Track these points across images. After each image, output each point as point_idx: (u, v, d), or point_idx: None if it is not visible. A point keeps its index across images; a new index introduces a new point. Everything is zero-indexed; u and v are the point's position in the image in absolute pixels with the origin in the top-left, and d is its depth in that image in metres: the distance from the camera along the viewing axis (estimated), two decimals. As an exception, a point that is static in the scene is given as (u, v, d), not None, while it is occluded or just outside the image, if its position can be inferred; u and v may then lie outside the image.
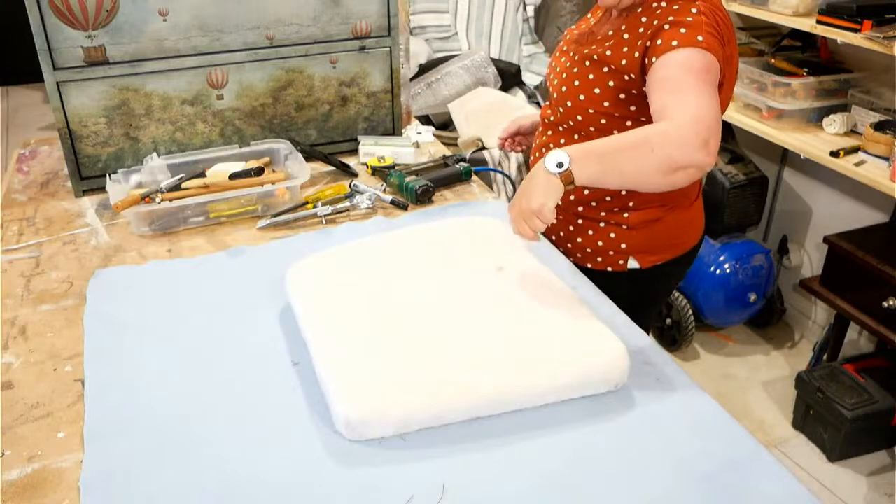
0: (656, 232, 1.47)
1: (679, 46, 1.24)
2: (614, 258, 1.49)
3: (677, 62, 1.23)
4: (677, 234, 1.52)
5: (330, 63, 1.71)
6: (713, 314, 2.63)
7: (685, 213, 1.51)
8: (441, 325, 1.06)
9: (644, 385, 1.03)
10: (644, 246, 1.48)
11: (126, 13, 1.50)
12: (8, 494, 0.87)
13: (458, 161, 1.67)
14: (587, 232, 1.49)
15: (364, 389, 0.95)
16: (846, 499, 2.11)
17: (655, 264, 1.49)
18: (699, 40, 1.24)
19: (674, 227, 1.50)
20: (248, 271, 1.31)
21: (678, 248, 1.53)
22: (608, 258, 1.49)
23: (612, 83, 1.34)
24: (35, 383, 1.05)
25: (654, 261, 1.49)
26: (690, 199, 1.52)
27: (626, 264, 1.48)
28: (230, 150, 1.64)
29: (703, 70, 1.22)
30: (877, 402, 2.17)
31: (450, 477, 0.88)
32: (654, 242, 1.48)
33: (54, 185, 1.66)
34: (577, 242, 1.50)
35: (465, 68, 2.84)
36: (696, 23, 1.26)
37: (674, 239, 1.51)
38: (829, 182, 2.55)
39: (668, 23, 1.27)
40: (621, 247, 1.47)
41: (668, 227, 1.48)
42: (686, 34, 1.25)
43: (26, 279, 1.30)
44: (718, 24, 1.28)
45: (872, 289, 2.12)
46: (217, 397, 1.01)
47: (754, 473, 0.89)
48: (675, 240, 1.52)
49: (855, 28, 1.98)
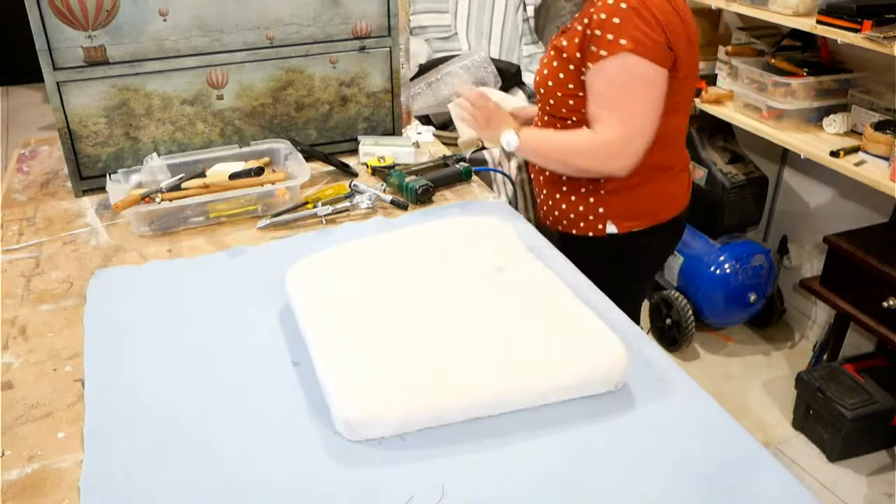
0: (633, 198, 1.57)
1: (607, 56, 1.39)
2: (594, 223, 1.59)
3: (604, 76, 1.41)
4: (655, 202, 1.60)
5: (330, 63, 1.71)
6: (713, 314, 2.63)
7: (665, 184, 1.60)
8: (441, 325, 1.06)
9: (644, 385, 1.03)
10: (621, 211, 1.58)
11: (126, 13, 1.50)
12: (8, 494, 0.87)
13: (458, 161, 1.67)
14: (570, 199, 1.61)
15: (364, 389, 0.95)
16: (846, 499, 2.11)
17: (632, 230, 1.59)
18: (622, 44, 1.37)
19: (652, 196, 1.59)
20: (248, 271, 1.31)
21: (655, 217, 1.61)
22: (589, 223, 1.60)
23: (573, 67, 1.48)
24: (35, 383, 1.05)
25: (631, 226, 1.59)
26: (672, 173, 1.62)
27: (605, 229, 1.59)
28: (230, 150, 1.64)
29: (625, 83, 1.40)
30: (877, 402, 2.17)
31: (450, 477, 0.88)
32: (630, 208, 1.58)
33: (54, 185, 1.66)
34: (562, 209, 1.63)
35: (465, 68, 2.84)
36: (623, 23, 1.37)
37: (651, 207, 1.60)
38: (829, 182, 2.55)
39: (599, 24, 1.39)
40: (599, 211, 1.58)
41: (645, 196, 1.58)
42: (612, 41, 1.38)
43: (26, 279, 1.30)
44: (653, 15, 1.38)
45: (872, 289, 2.12)
46: (217, 397, 1.01)
47: (754, 473, 0.89)
48: (652, 208, 1.60)
49: (855, 28, 1.97)
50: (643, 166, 1.50)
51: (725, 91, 2.50)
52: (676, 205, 1.65)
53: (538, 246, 1.38)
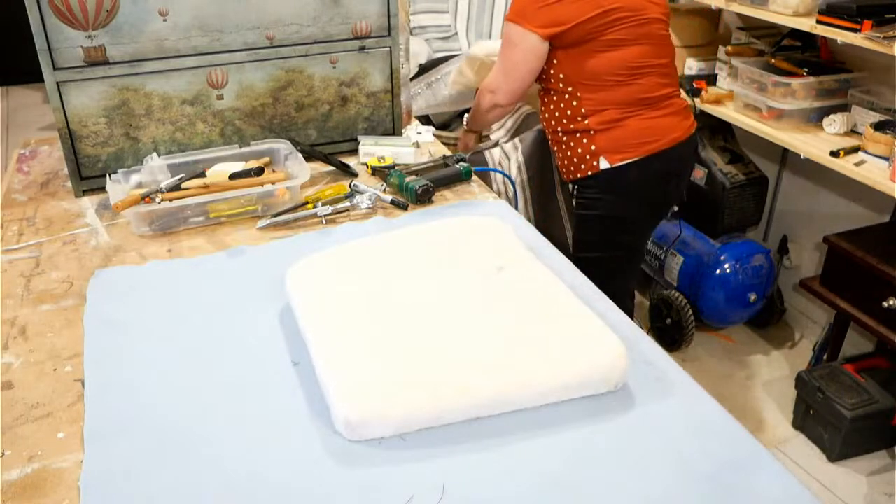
0: (619, 133, 1.82)
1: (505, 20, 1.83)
2: (589, 161, 1.85)
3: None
4: (640, 135, 1.82)
5: (330, 63, 1.71)
6: (713, 314, 2.63)
7: (647, 120, 1.83)
8: (441, 325, 1.06)
9: (644, 385, 1.03)
10: (610, 145, 1.82)
11: (126, 13, 1.50)
12: (8, 494, 0.87)
13: (458, 161, 1.67)
14: (570, 144, 1.88)
15: (364, 389, 0.95)
16: (846, 499, 2.11)
17: (623, 161, 1.82)
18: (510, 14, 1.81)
19: (636, 130, 1.82)
20: (248, 271, 1.31)
21: (642, 149, 1.82)
22: (586, 162, 1.86)
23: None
24: (35, 383, 1.05)
25: (621, 158, 1.82)
26: (645, 103, 1.83)
27: (599, 165, 1.84)
28: (230, 150, 1.64)
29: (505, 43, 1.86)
30: (877, 402, 2.17)
31: (450, 477, 0.88)
32: (618, 142, 1.82)
33: (54, 185, 1.66)
34: (567, 157, 1.90)
35: (465, 68, 2.84)
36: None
37: (637, 138, 1.82)
38: (829, 182, 2.55)
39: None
40: (591, 149, 1.83)
41: (630, 130, 1.82)
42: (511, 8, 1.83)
43: (26, 279, 1.30)
44: None
45: (872, 289, 2.12)
46: (217, 397, 1.01)
47: (754, 473, 0.89)
48: (638, 139, 1.82)
49: (855, 28, 1.97)
50: (615, 102, 1.80)
51: (725, 91, 2.50)
52: (662, 139, 1.85)
53: (538, 246, 1.38)
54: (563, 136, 1.89)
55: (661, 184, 1.92)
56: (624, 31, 1.78)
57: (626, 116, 1.81)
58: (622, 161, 1.82)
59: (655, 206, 2.00)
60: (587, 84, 1.80)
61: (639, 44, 1.80)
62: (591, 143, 1.83)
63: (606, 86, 1.79)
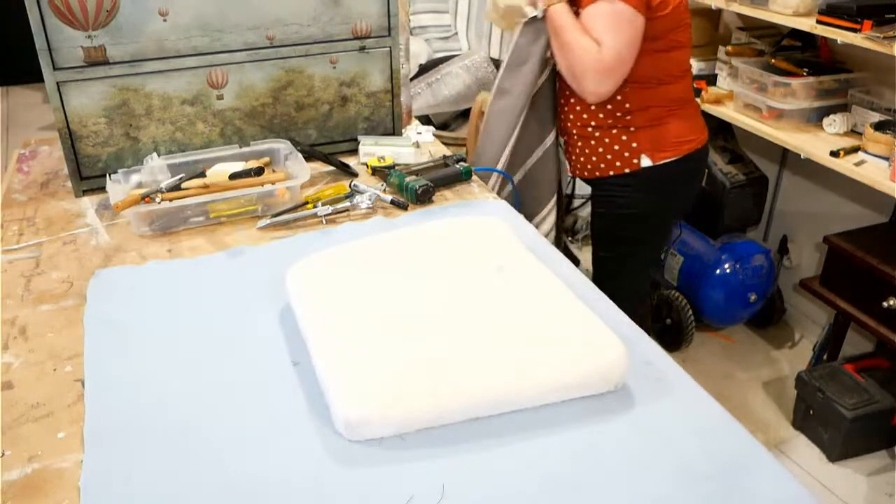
0: (662, 131, 1.79)
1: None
2: (629, 158, 1.81)
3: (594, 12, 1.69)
4: (681, 132, 1.81)
5: (330, 63, 1.71)
6: (713, 314, 2.63)
7: (685, 119, 1.83)
8: (441, 325, 1.06)
9: (644, 385, 1.03)
10: (652, 143, 1.79)
11: (126, 13, 1.49)
12: (8, 494, 0.87)
13: (458, 161, 1.67)
14: (604, 141, 1.82)
15: (364, 389, 0.95)
16: (846, 499, 2.11)
17: (665, 160, 1.80)
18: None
19: (678, 127, 1.80)
20: (248, 271, 1.31)
21: (682, 148, 1.82)
22: (624, 160, 1.81)
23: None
24: (35, 383, 1.05)
25: (662, 157, 1.80)
26: (688, 106, 1.84)
27: (640, 162, 1.80)
28: (230, 150, 1.64)
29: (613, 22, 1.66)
30: (877, 402, 2.17)
31: (450, 477, 0.88)
32: (660, 140, 1.79)
33: (54, 185, 1.66)
34: (599, 153, 1.84)
35: (465, 68, 2.84)
36: None
37: (679, 137, 1.81)
38: (829, 182, 2.55)
39: None
40: (633, 146, 1.79)
41: (672, 128, 1.80)
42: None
43: (26, 279, 1.30)
44: None
45: (872, 289, 2.12)
46: (217, 397, 1.01)
47: (754, 474, 0.89)
48: (679, 138, 1.81)
49: (855, 28, 1.97)
50: (663, 99, 1.78)
51: (725, 91, 2.50)
52: (699, 136, 1.86)
53: (538, 246, 1.38)
54: (594, 131, 1.83)
55: (692, 182, 1.95)
56: (684, 32, 1.78)
57: (669, 115, 1.80)
58: (664, 160, 1.81)
59: (685, 205, 2.03)
60: (638, 81, 1.76)
61: (687, 46, 1.81)
62: (631, 140, 1.79)
63: (654, 84, 1.77)
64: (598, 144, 1.84)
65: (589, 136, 1.85)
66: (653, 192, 1.85)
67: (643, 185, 1.84)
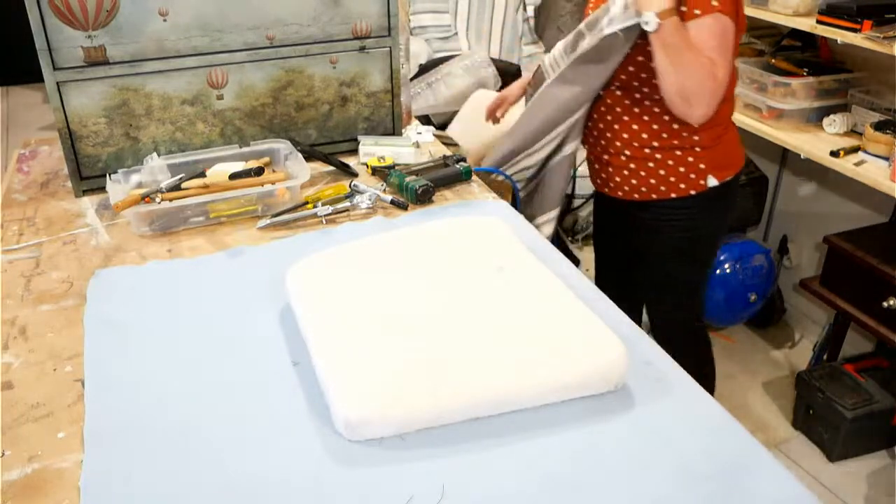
0: (723, 148, 1.70)
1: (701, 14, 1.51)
2: (695, 180, 1.69)
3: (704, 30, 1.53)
4: (735, 148, 1.75)
5: (330, 63, 1.71)
6: (713, 314, 2.63)
7: (734, 133, 1.77)
8: (441, 325, 1.06)
9: (644, 385, 1.03)
10: (717, 162, 1.69)
11: (126, 13, 1.50)
12: (8, 494, 0.87)
13: (458, 161, 1.67)
14: (667, 163, 1.68)
15: (364, 389, 0.95)
16: (846, 499, 2.11)
17: (727, 178, 1.71)
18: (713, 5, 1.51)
19: (733, 142, 1.74)
20: (248, 271, 1.31)
21: (738, 162, 1.75)
22: (690, 182, 1.69)
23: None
24: (35, 383, 1.05)
25: (726, 175, 1.71)
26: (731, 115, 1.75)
27: (707, 183, 1.69)
28: (230, 150, 1.64)
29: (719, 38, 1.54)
30: (877, 402, 2.17)
31: (450, 477, 0.88)
32: (723, 157, 1.70)
33: (54, 185, 1.66)
34: (659, 175, 1.69)
35: (465, 68, 2.84)
36: None
37: (735, 152, 1.75)
38: (829, 182, 2.55)
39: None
40: (700, 167, 1.67)
41: (730, 144, 1.72)
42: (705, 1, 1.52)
43: (26, 279, 1.30)
44: None
45: (872, 289, 2.12)
46: (217, 397, 1.01)
47: (754, 474, 0.89)
48: (735, 153, 1.75)
49: (855, 28, 1.98)
50: (725, 116, 1.69)
51: (725, 91, 2.50)
52: (742, 148, 1.81)
53: (538, 246, 1.38)
54: (654, 152, 1.68)
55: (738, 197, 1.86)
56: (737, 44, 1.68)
57: (725, 131, 1.71)
58: (726, 177, 1.71)
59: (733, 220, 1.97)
60: None
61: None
62: (698, 161, 1.67)
63: (723, 100, 1.62)
64: (657, 166, 1.69)
65: (646, 158, 1.69)
66: (716, 211, 1.75)
67: (708, 205, 1.73)
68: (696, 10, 1.51)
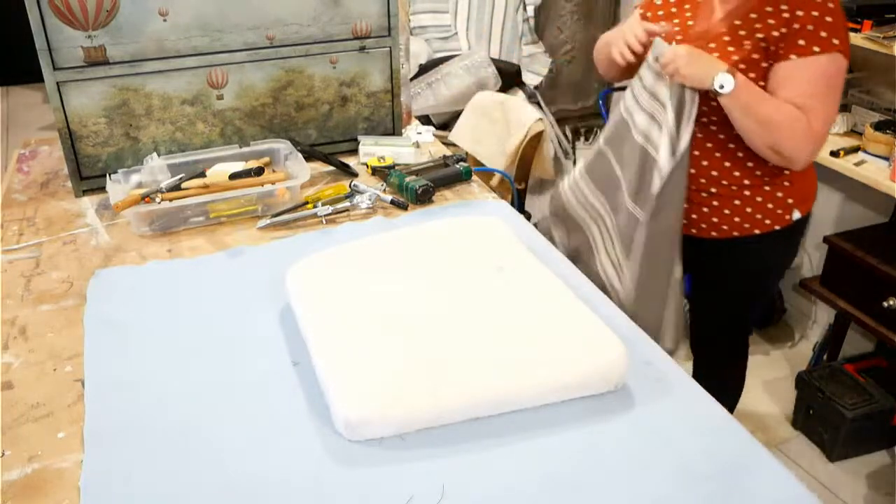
0: (806, 181, 1.61)
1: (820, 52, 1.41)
2: (781, 215, 1.59)
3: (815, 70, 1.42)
4: (815, 176, 1.65)
5: (330, 63, 1.71)
6: (713, 314, 2.62)
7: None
8: (441, 325, 1.06)
9: (644, 385, 1.03)
10: (802, 195, 1.60)
11: (126, 13, 1.50)
12: (8, 494, 0.87)
13: (458, 161, 1.67)
14: (755, 199, 1.57)
15: (364, 389, 0.95)
16: (846, 499, 2.11)
17: (809, 211, 1.63)
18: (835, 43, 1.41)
19: (811, 175, 1.64)
20: (248, 271, 1.31)
21: (815, 191, 1.66)
22: (775, 217, 1.59)
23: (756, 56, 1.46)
24: (35, 383, 1.05)
25: (807, 208, 1.63)
26: None
27: (792, 217, 1.59)
28: (230, 150, 1.64)
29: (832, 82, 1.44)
30: (877, 402, 2.17)
31: (450, 477, 0.88)
32: (806, 190, 1.61)
33: (54, 185, 1.66)
34: (745, 213, 1.58)
35: (465, 68, 2.84)
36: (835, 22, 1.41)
37: (815, 180, 1.65)
38: (829, 182, 2.55)
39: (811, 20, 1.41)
40: (788, 202, 1.58)
41: (808, 175, 1.62)
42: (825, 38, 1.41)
43: (26, 279, 1.30)
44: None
45: (872, 289, 2.12)
46: (217, 397, 1.01)
47: (754, 474, 0.89)
48: (815, 181, 1.66)
49: (855, 28, 1.98)
50: None
51: (725, 91, 2.50)
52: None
53: (538, 246, 1.39)
54: (742, 189, 1.56)
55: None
56: None
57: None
58: (809, 209, 1.63)
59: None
60: None
61: None
62: (787, 196, 1.56)
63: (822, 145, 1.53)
64: (745, 203, 1.57)
65: (733, 195, 1.57)
66: (792, 244, 1.68)
67: (787, 239, 1.64)
68: (815, 48, 1.39)
